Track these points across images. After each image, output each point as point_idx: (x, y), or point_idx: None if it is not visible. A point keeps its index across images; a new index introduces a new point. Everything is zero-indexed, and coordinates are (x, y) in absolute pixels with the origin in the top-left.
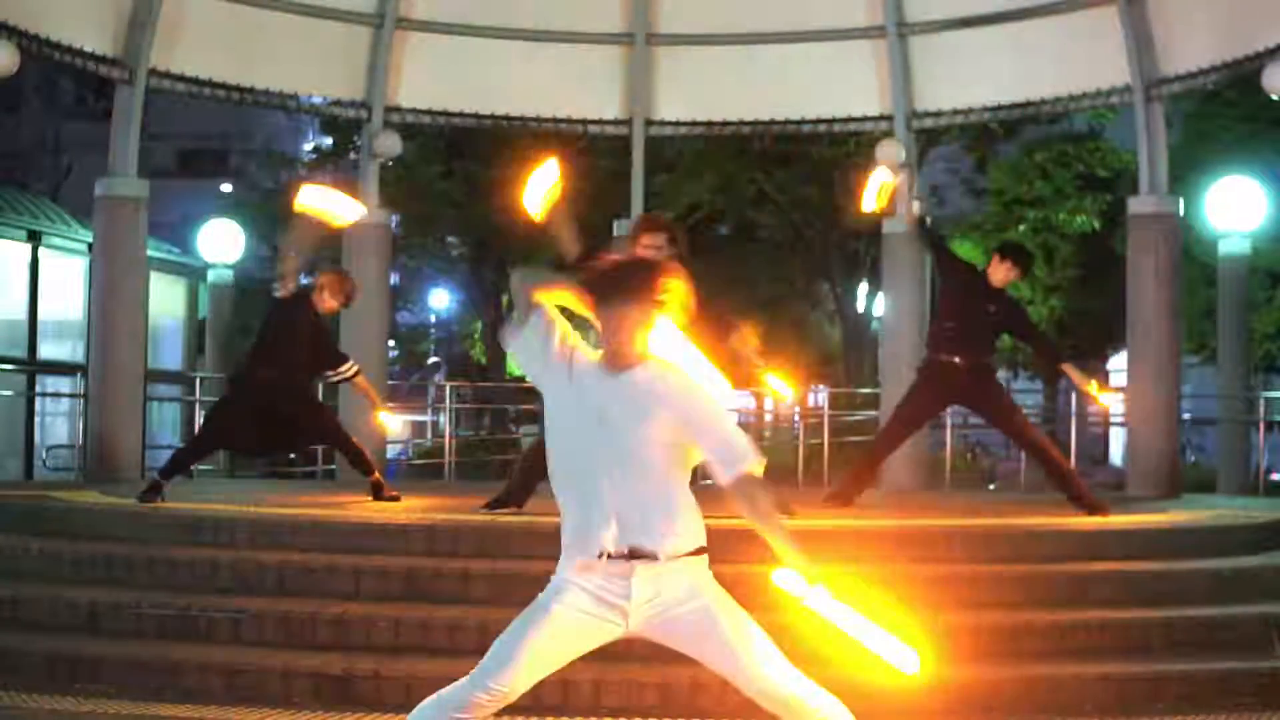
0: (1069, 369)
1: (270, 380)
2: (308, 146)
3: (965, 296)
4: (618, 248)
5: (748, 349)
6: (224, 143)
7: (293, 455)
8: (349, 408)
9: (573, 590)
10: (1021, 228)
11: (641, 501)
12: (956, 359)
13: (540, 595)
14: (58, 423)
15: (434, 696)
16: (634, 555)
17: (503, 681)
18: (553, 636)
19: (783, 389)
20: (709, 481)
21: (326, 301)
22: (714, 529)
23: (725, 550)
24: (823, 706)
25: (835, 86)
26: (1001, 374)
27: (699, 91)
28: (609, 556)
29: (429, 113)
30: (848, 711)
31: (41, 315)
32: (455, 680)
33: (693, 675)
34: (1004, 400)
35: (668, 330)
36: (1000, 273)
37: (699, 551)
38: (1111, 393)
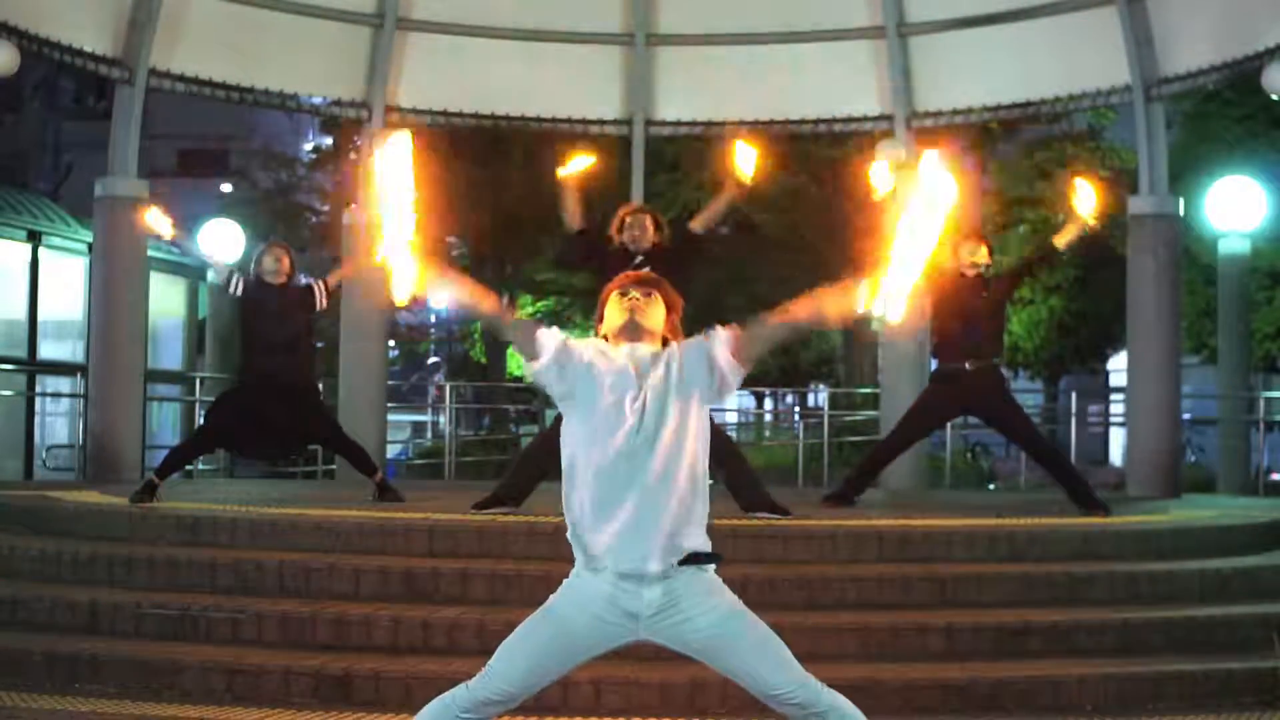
0: None
1: (265, 375)
2: (308, 146)
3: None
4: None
5: None
6: (224, 143)
7: (292, 458)
8: (349, 408)
9: (586, 594)
10: (1021, 228)
11: (679, 510)
12: (965, 364)
13: (551, 597)
14: (58, 423)
15: (439, 699)
16: (684, 562)
17: (510, 682)
18: (562, 639)
19: None
20: (712, 481)
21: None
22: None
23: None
24: (834, 707)
25: (835, 86)
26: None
27: (699, 91)
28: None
29: (429, 113)
30: (857, 710)
31: (41, 315)
32: (455, 680)
33: (693, 675)
34: (1016, 414)
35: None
36: (967, 254)
37: (715, 556)
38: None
